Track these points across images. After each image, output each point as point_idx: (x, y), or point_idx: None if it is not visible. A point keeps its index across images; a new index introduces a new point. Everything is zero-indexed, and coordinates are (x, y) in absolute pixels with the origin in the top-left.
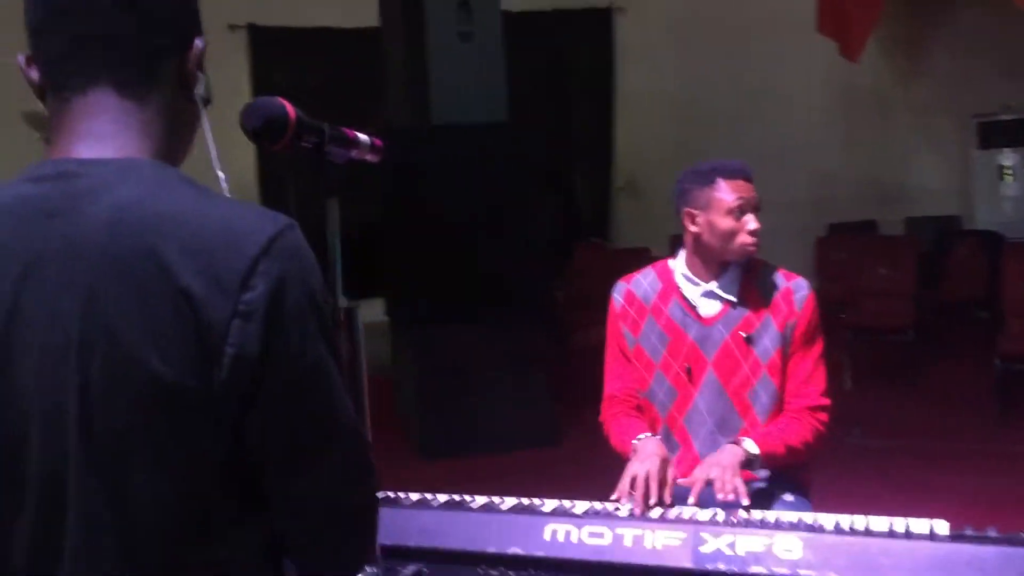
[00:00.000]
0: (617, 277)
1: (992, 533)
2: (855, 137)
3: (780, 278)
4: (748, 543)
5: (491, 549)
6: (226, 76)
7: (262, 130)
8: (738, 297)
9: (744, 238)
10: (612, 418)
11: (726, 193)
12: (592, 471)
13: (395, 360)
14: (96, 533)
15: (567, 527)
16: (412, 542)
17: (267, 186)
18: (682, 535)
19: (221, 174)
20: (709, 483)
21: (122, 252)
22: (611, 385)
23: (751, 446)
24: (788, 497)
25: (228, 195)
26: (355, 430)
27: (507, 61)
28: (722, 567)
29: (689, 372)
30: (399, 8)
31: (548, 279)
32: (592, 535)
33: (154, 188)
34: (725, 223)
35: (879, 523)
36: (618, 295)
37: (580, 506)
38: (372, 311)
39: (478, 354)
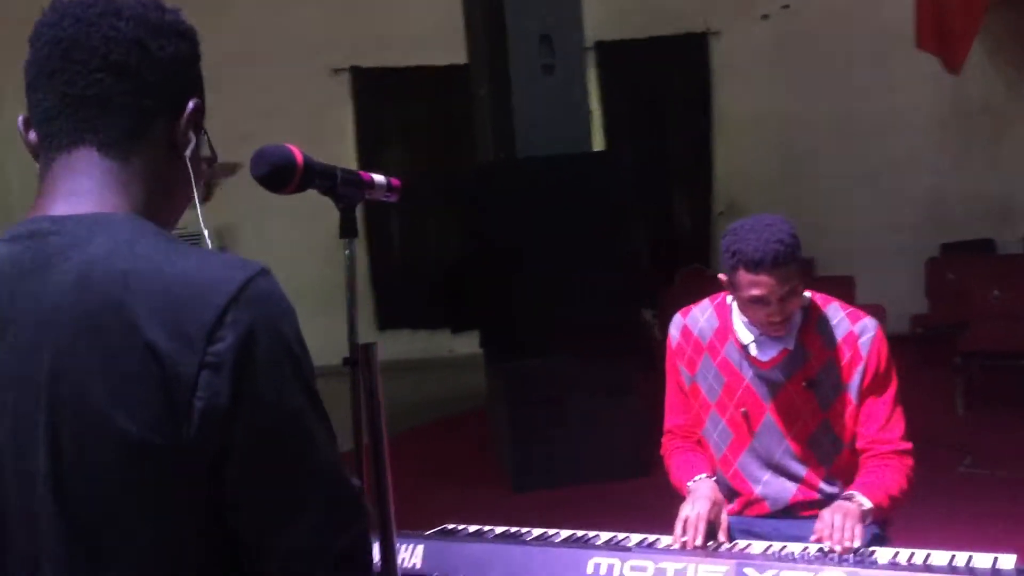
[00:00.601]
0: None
1: None
2: (967, 152)
3: (844, 321)
4: None
5: None
6: (331, 118)
7: (268, 177)
8: (797, 343)
9: (766, 326)
10: (670, 454)
11: (745, 286)
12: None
13: (489, 392)
14: None
15: (611, 560)
16: (461, 574)
17: (370, 218)
18: (724, 568)
19: (205, 229)
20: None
21: (90, 308)
22: (670, 419)
23: (864, 501)
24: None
25: (209, 248)
26: (338, 477)
27: (602, 90)
28: None
29: (746, 416)
30: (485, 44)
31: (640, 307)
32: (634, 568)
33: (124, 242)
34: (746, 309)
35: (940, 557)
36: (675, 330)
37: (634, 539)
38: (470, 344)
39: (570, 385)
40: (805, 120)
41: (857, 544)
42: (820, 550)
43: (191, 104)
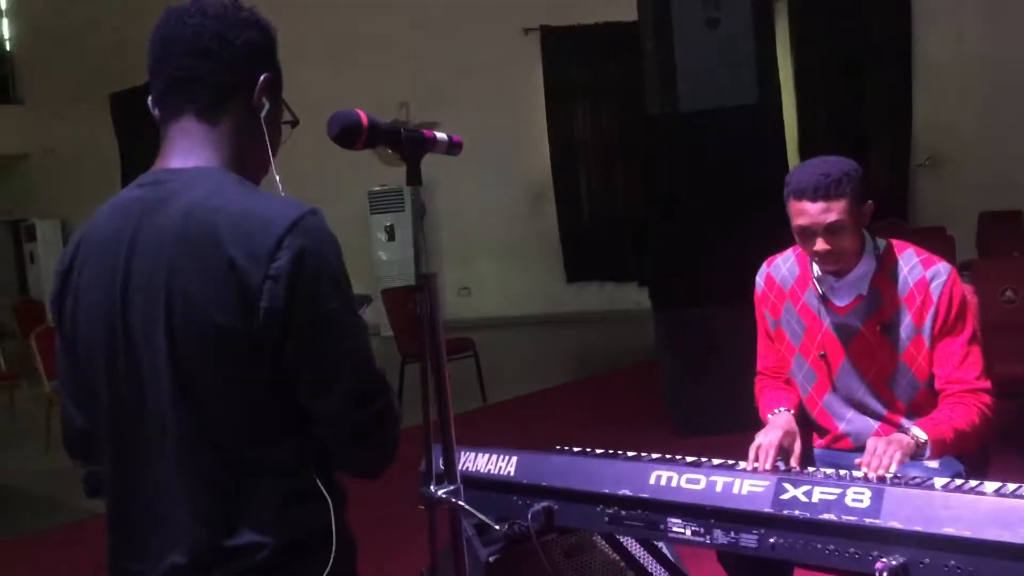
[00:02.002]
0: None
1: None
2: None
3: (917, 267)
4: (823, 492)
5: (606, 490)
6: (522, 76)
7: (339, 136)
8: (871, 288)
9: (816, 258)
10: (760, 392)
11: (794, 215)
12: None
13: (657, 341)
14: (189, 429)
15: (670, 473)
16: (545, 481)
17: (558, 174)
18: (766, 483)
19: (277, 176)
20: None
21: (191, 235)
22: (761, 362)
23: (919, 433)
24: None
25: (281, 193)
26: (365, 362)
27: (794, 41)
28: (797, 513)
29: (825, 359)
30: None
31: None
32: (689, 480)
33: (216, 189)
34: (799, 240)
35: (989, 486)
36: (760, 279)
37: (715, 462)
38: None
39: (731, 333)
40: (1012, 67)
41: (893, 471)
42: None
43: (262, 78)
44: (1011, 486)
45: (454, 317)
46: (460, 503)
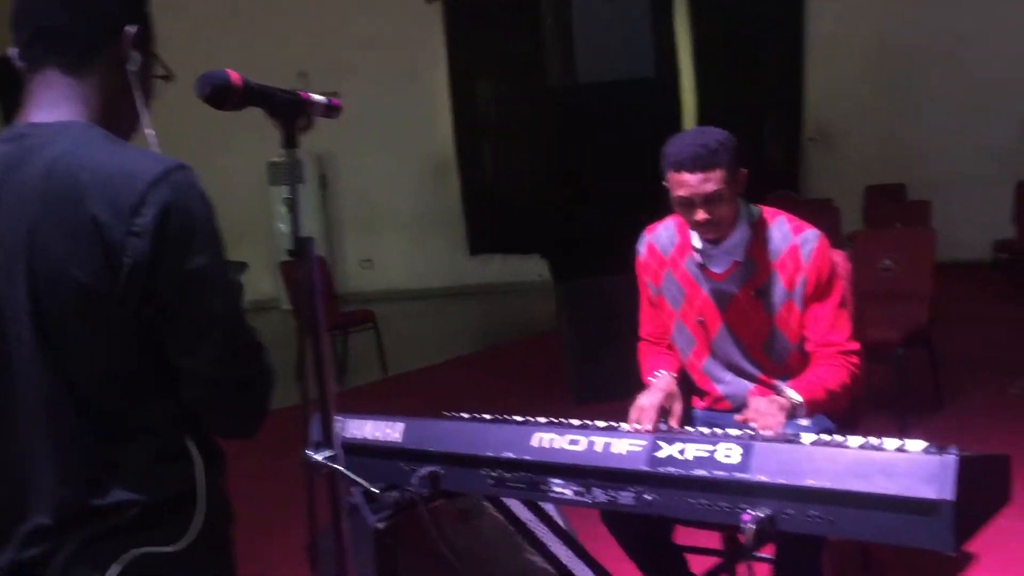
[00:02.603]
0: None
1: (952, 450)
2: None
3: (789, 233)
4: (696, 450)
5: (490, 453)
6: (425, 47)
7: (210, 97)
8: (746, 255)
9: (696, 228)
10: (643, 356)
11: (673, 186)
12: None
13: (557, 311)
14: (56, 391)
15: (552, 435)
16: (431, 446)
17: (462, 146)
18: (643, 443)
19: (150, 131)
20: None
21: (53, 191)
22: (644, 328)
23: (793, 395)
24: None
25: (156, 149)
26: (234, 321)
27: (692, 15)
28: (671, 470)
29: (704, 324)
30: None
31: None
32: (571, 442)
33: (80, 143)
34: (678, 210)
35: (854, 440)
36: (641, 247)
37: (600, 424)
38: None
39: (630, 304)
40: (899, 43)
41: (777, 430)
42: (746, 432)
43: (129, 31)
44: (874, 440)
45: (356, 290)
46: (338, 467)
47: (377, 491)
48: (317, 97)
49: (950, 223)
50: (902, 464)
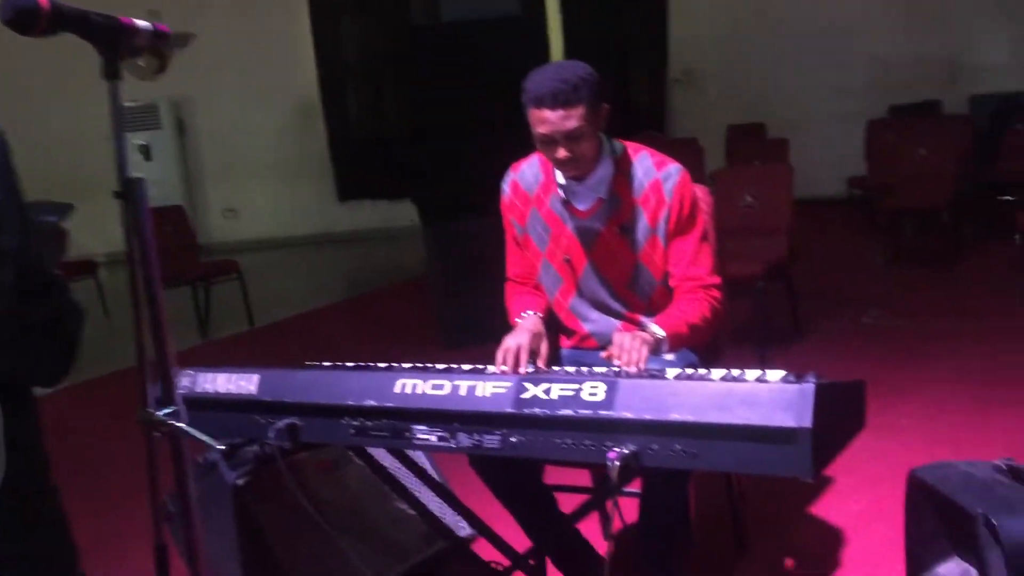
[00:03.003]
0: None
1: (810, 377)
2: (917, 16)
3: (651, 169)
4: (561, 389)
5: (351, 402)
6: None
7: (13, 21)
8: (609, 192)
9: (558, 165)
10: (509, 297)
11: (534, 123)
12: None
13: (427, 255)
14: None
15: (415, 381)
16: (288, 397)
17: (327, 89)
18: (508, 384)
19: None
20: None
21: None
22: (510, 269)
23: (656, 330)
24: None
25: None
26: (26, 258)
27: None
28: (537, 411)
29: (570, 263)
30: None
31: None
32: (435, 387)
33: None
34: (540, 148)
35: (717, 373)
36: (506, 185)
37: (467, 367)
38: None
39: (499, 246)
40: None
41: (641, 366)
42: (611, 369)
43: None
44: (735, 372)
45: (220, 240)
46: (178, 424)
47: (222, 448)
48: (141, 23)
49: (807, 161)
50: (762, 394)
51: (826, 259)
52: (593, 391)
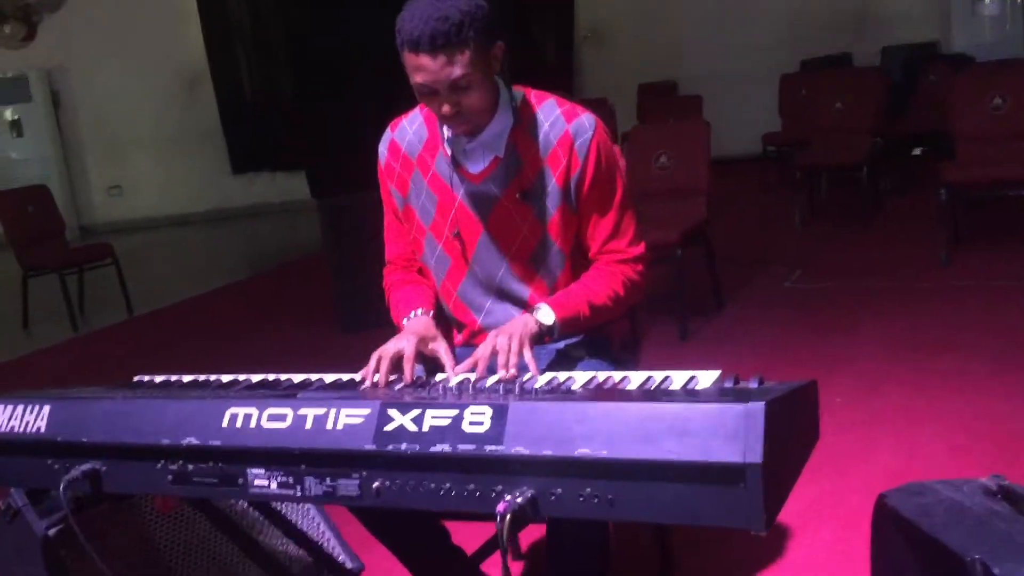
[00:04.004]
0: None
1: (753, 382)
2: None
3: (559, 120)
4: (435, 417)
5: (166, 441)
6: None
7: None
8: (508, 148)
9: (443, 120)
10: (390, 289)
11: (411, 71)
12: None
13: (323, 234)
14: None
15: (247, 410)
16: (86, 436)
17: (214, 55)
18: (366, 412)
19: None
20: (495, 355)
21: None
22: (389, 250)
23: (545, 315)
24: (585, 357)
25: None
26: None
27: None
28: (404, 447)
29: (459, 237)
30: None
31: None
32: (272, 418)
33: None
34: (419, 98)
35: (635, 378)
36: (383, 147)
37: (328, 379)
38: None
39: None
40: None
41: (512, 372)
42: (497, 382)
43: None
44: (658, 376)
45: (105, 220)
46: None
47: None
48: None
49: (721, 119)
50: (695, 418)
51: (743, 220)
52: (476, 418)
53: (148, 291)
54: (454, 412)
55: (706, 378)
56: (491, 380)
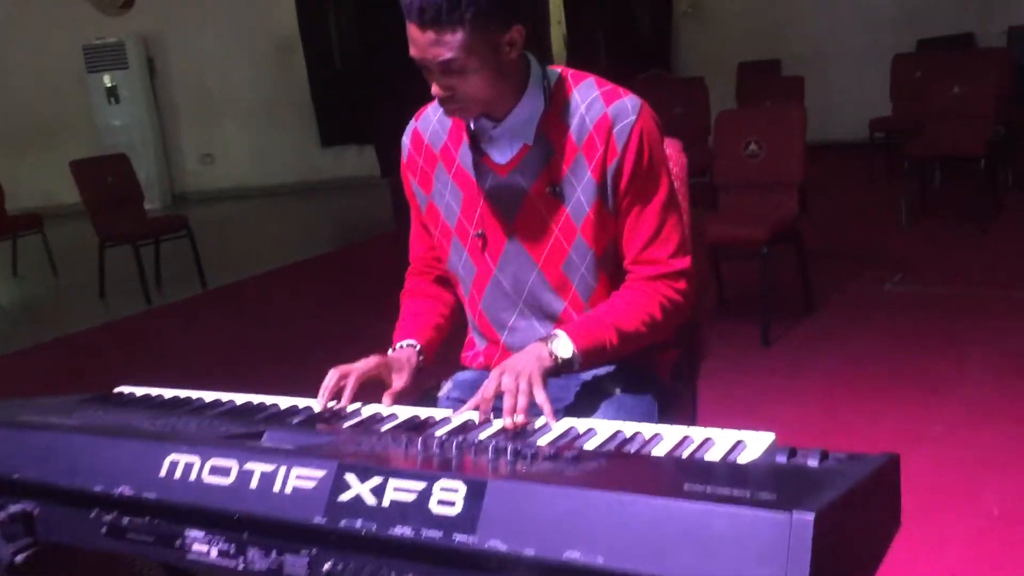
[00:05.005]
0: (680, 109)
1: (811, 459)
2: None
3: (597, 103)
4: (397, 489)
5: (99, 487)
6: None
7: None
8: (539, 135)
9: (440, 102)
10: (403, 297)
11: (410, 41)
12: None
13: (395, 210)
14: None
15: (189, 459)
16: (18, 473)
17: (305, 22)
18: (320, 475)
19: None
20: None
21: None
22: (412, 250)
23: (562, 346)
24: (618, 392)
25: None
26: None
27: None
28: (359, 525)
29: (484, 239)
30: None
31: None
32: (214, 471)
33: None
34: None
35: (671, 436)
36: (406, 139)
37: (284, 403)
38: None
39: None
40: None
41: (521, 419)
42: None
43: None
44: (697, 436)
45: (196, 188)
46: None
47: None
48: None
49: (826, 101)
50: (722, 525)
51: (842, 213)
52: (447, 496)
53: (229, 262)
54: (421, 485)
55: (756, 444)
56: (495, 426)
